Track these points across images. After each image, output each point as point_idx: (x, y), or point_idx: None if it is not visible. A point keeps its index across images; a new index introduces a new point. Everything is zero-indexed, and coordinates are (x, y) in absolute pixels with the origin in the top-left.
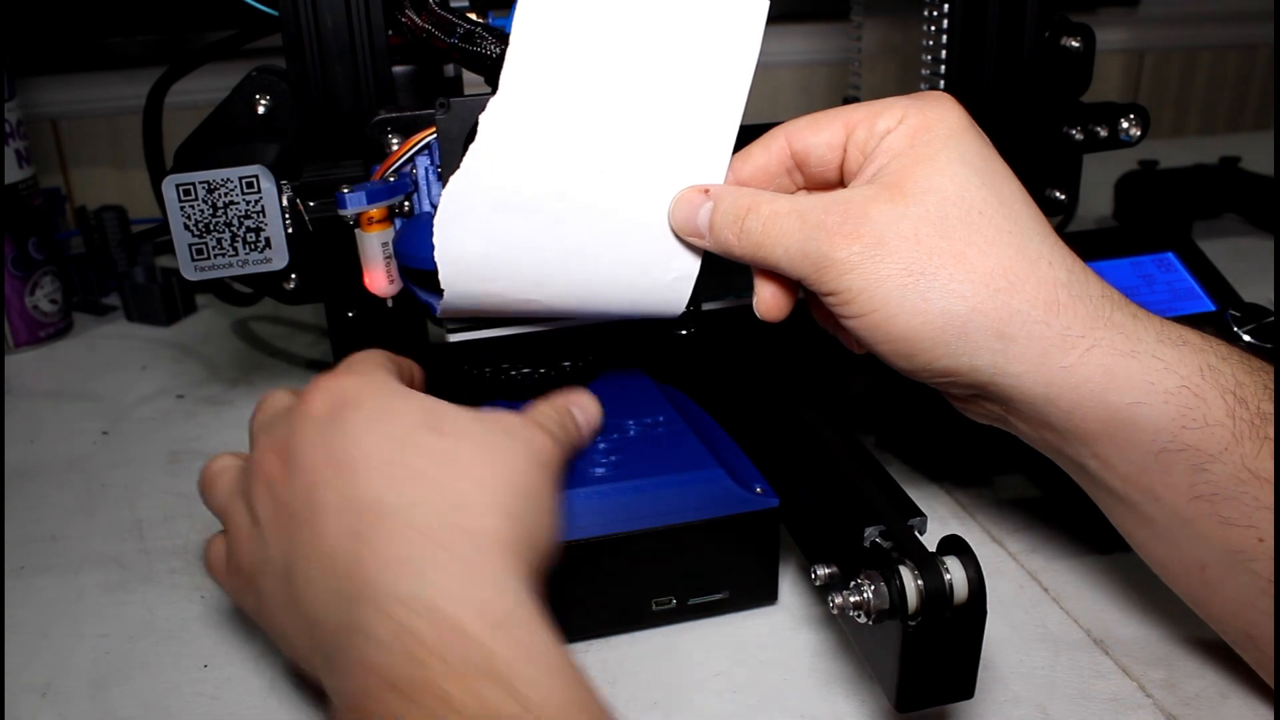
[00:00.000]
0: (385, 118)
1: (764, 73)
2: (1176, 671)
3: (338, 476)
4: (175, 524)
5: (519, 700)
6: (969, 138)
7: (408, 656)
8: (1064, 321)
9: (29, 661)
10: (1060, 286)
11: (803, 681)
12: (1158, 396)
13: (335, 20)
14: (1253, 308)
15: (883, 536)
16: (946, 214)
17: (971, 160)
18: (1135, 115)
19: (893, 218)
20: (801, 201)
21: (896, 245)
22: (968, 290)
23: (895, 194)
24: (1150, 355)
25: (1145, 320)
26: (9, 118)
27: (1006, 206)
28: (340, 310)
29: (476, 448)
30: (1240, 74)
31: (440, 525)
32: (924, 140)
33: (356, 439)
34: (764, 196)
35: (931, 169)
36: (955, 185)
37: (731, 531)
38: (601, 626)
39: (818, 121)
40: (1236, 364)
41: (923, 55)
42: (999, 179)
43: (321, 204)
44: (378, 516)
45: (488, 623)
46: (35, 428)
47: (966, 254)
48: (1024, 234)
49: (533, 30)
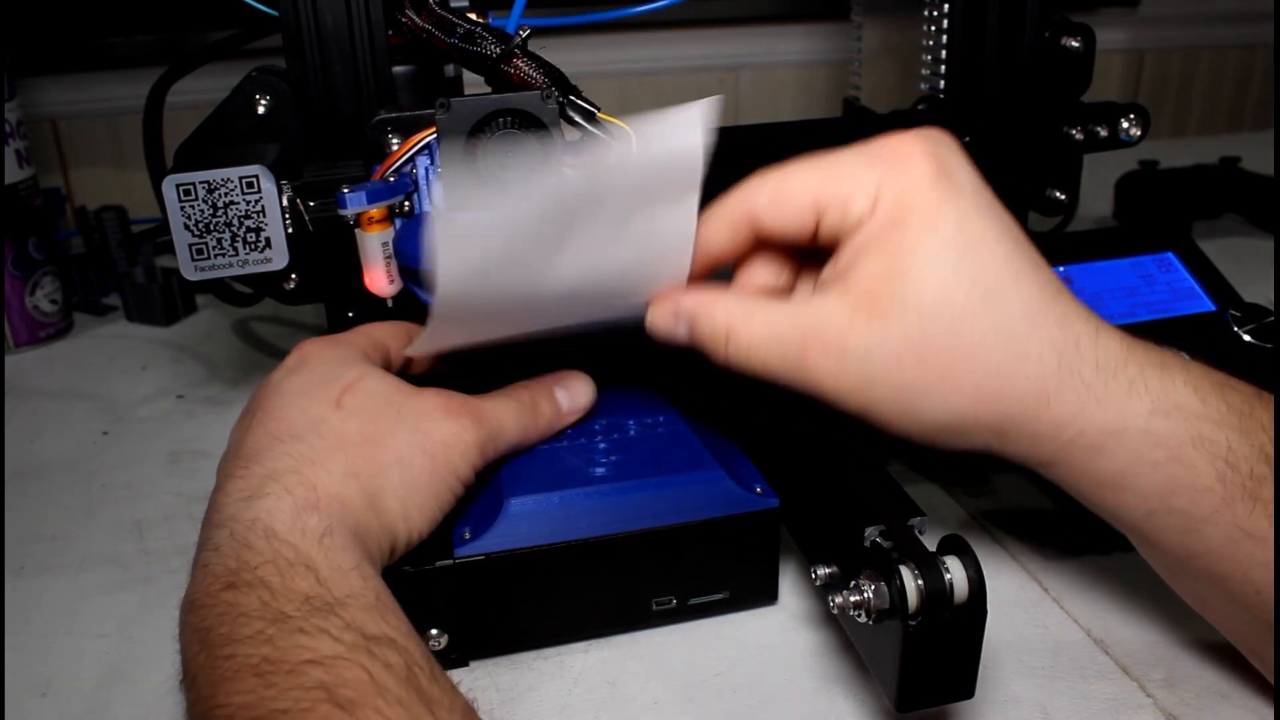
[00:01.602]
0: (385, 118)
1: (764, 72)
2: (1176, 671)
3: (248, 421)
4: (175, 524)
5: (325, 586)
6: (948, 213)
7: (237, 558)
8: (1053, 413)
9: (29, 661)
10: (1049, 377)
11: (803, 681)
12: (1145, 467)
13: (335, 20)
14: (1253, 308)
15: (883, 536)
16: (927, 330)
17: (951, 251)
18: (1135, 115)
19: (873, 342)
20: (777, 327)
21: (881, 374)
22: (957, 404)
23: (873, 313)
24: (1140, 430)
25: (1140, 389)
26: (9, 118)
27: (991, 300)
28: (340, 310)
29: (362, 425)
30: (1240, 74)
31: (294, 477)
32: (899, 237)
33: (275, 394)
34: (736, 319)
35: (909, 279)
36: (935, 294)
37: (732, 531)
38: (602, 626)
39: (784, 198)
40: (1232, 429)
41: (923, 55)
42: (981, 261)
43: (322, 204)
44: (248, 461)
45: (311, 543)
46: (35, 428)
47: (953, 370)
48: (1011, 329)
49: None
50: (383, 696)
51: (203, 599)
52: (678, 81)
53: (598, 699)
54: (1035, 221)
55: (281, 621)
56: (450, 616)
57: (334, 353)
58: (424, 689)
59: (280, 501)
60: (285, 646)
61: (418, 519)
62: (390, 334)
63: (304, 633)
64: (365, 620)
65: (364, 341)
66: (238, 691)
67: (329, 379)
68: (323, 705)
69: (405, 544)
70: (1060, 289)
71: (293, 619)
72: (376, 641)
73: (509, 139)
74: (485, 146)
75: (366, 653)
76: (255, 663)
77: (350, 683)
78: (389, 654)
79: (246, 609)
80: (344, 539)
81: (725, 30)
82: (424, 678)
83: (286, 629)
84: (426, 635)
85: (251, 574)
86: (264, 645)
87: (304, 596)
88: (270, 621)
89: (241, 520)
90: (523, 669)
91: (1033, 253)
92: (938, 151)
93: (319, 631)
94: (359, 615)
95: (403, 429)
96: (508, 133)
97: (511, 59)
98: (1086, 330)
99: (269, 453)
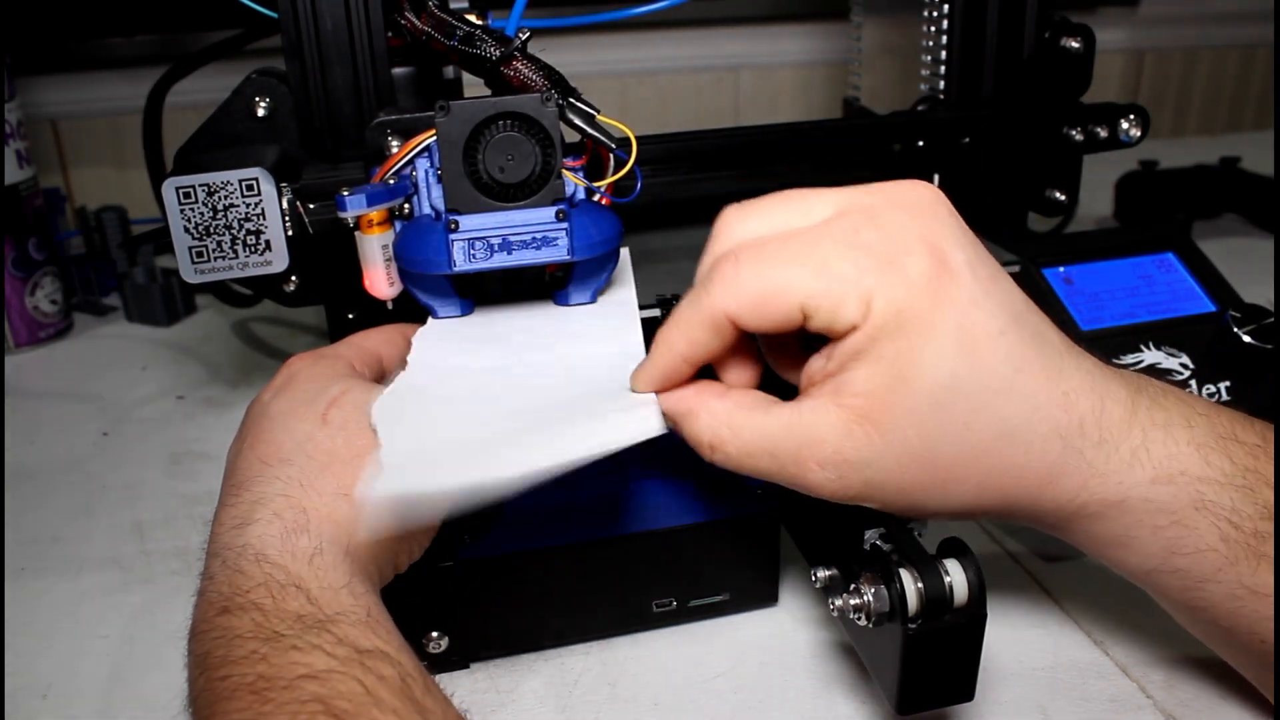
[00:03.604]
0: (385, 120)
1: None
2: (1176, 672)
3: (239, 445)
4: (175, 525)
5: (316, 604)
6: (946, 315)
7: (230, 584)
8: (1056, 492)
9: (29, 663)
10: (1053, 464)
11: (803, 683)
12: (1146, 531)
13: (335, 22)
14: (1253, 308)
15: (883, 539)
16: (929, 438)
17: (951, 357)
18: (1135, 115)
19: (873, 454)
20: (768, 440)
21: (883, 480)
22: (962, 498)
23: (872, 425)
24: (1142, 499)
25: (1143, 458)
26: (9, 118)
27: (994, 401)
28: (340, 312)
29: (350, 439)
30: (1240, 74)
31: (283, 501)
32: (895, 346)
33: (263, 416)
34: (723, 429)
35: (907, 390)
36: (936, 403)
37: (732, 533)
38: (603, 628)
39: (767, 301)
40: (1235, 489)
41: (923, 55)
42: (982, 361)
43: (321, 206)
44: (238, 489)
45: (301, 564)
46: (35, 428)
47: (955, 473)
48: (1014, 427)
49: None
50: (378, 707)
51: (200, 625)
52: (678, 81)
53: (598, 700)
54: (1035, 221)
55: (275, 640)
56: (451, 618)
57: (319, 368)
58: (418, 700)
59: (270, 527)
60: (280, 664)
61: (415, 530)
62: (382, 341)
63: (298, 649)
64: (357, 636)
65: (351, 353)
66: (235, 710)
67: (314, 396)
68: (320, 718)
69: (408, 555)
70: (1063, 359)
71: (286, 637)
72: (370, 655)
73: (509, 142)
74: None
75: (360, 666)
76: (251, 681)
77: (345, 695)
78: (382, 667)
79: (241, 631)
80: (334, 558)
81: (725, 30)
82: (418, 689)
83: (280, 647)
84: (427, 637)
85: (244, 598)
86: (259, 664)
87: (296, 616)
88: (264, 641)
89: (233, 548)
90: (523, 670)
91: (1035, 323)
92: (932, 235)
93: (312, 648)
94: (351, 631)
95: None
96: (507, 135)
97: (511, 61)
98: (1090, 405)
99: (258, 479)
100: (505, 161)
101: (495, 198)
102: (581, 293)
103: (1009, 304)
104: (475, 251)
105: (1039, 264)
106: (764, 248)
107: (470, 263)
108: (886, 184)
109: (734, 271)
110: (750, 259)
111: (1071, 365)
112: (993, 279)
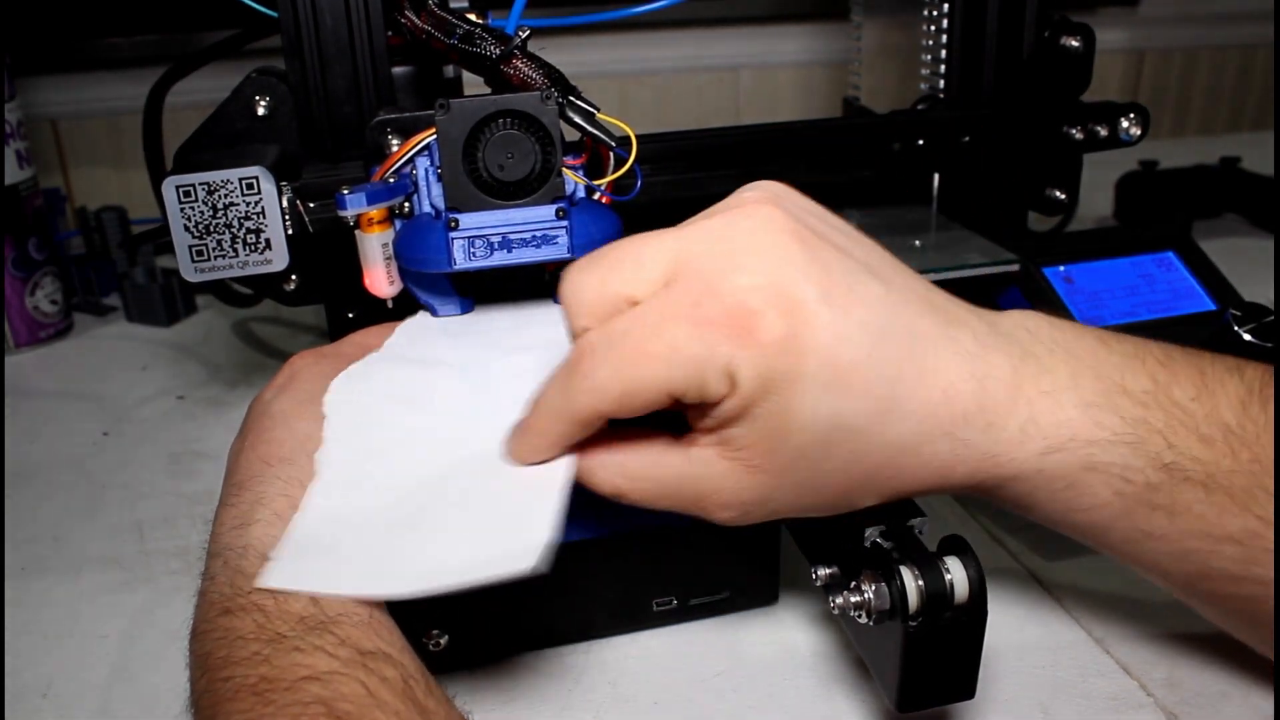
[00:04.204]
0: (385, 119)
1: (764, 73)
2: (1176, 671)
3: (240, 444)
4: (176, 525)
5: (318, 605)
6: (810, 363)
7: (231, 584)
8: (951, 481)
9: (30, 662)
10: (944, 458)
11: (803, 681)
12: (1042, 495)
13: (335, 21)
14: (1253, 308)
15: (883, 537)
16: (819, 471)
17: (826, 399)
18: (1135, 115)
19: (769, 493)
20: (666, 485)
21: (786, 507)
22: (865, 502)
23: (762, 472)
24: (1034, 470)
25: (1031, 431)
26: (9, 118)
27: (878, 423)
28: (340, 311)
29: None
30: (1240, 74)
31: (284, 500)
32: (768, 405)
33: (264, 415)
34: (620, 481)
35: (789, 437)
36: (820, 443)
37: (732, 532)
38: (602, 627)
39: (632, 397)
40: (1125, 445)
41: (923, 55)
42: (860, 389)
43: (321, 205)
44: (239, 488)
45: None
46: (35, 428)
47: (853, 490)
48: (903, 441)
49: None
50: (380, 709)
51: (202, 626)
52: (678, 81)
53: (598, 699)
54: (1035, 221)
55: (277, 642)
56: (452, 617)
57: (321, 367)
58: (420, 702)
59: (270, 527)
60: (282, 665)
61: None
62: (383, 339)
63: (300, 651)
64: (359, 637)
65: (353, 351)
66: (237, 711)
67: (316, 394)
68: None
69: None
70: (938, 349)
71: (288, 639)
72: (371, 657)
73: (509, 140)
74: (485, 147)
75: (362, 668)
76: (253, 682)
77: (348, 697)
78: (385, 668)
79: (242, 632)
80: None
81: (725, 30)
82: (420, 691)
83: (282, 648)
84: (428, 636)
85: (246, 598)
86: (261, 665)
87: (298, 617)
88: (266, 642)
89: (235, 548)
90: (523, 669)
91: (906, 319)
92: (777, 282)
93: (314, 649)
94: (353, 632)
95: None
96: (507, 134)
97: (511, 60)
98: (971, 392)
99: (259, 478)
100: (505, 160)
101: (495, 196)
102: None
103: (871, 319)
104: (475, 250)
105: (1039, 263)
106: (611, 339)
107: (470, 261)
108: (718, 219)
109: (592, 369)
110: (603, 355)
111: (949, 354)
112: (848, 296)
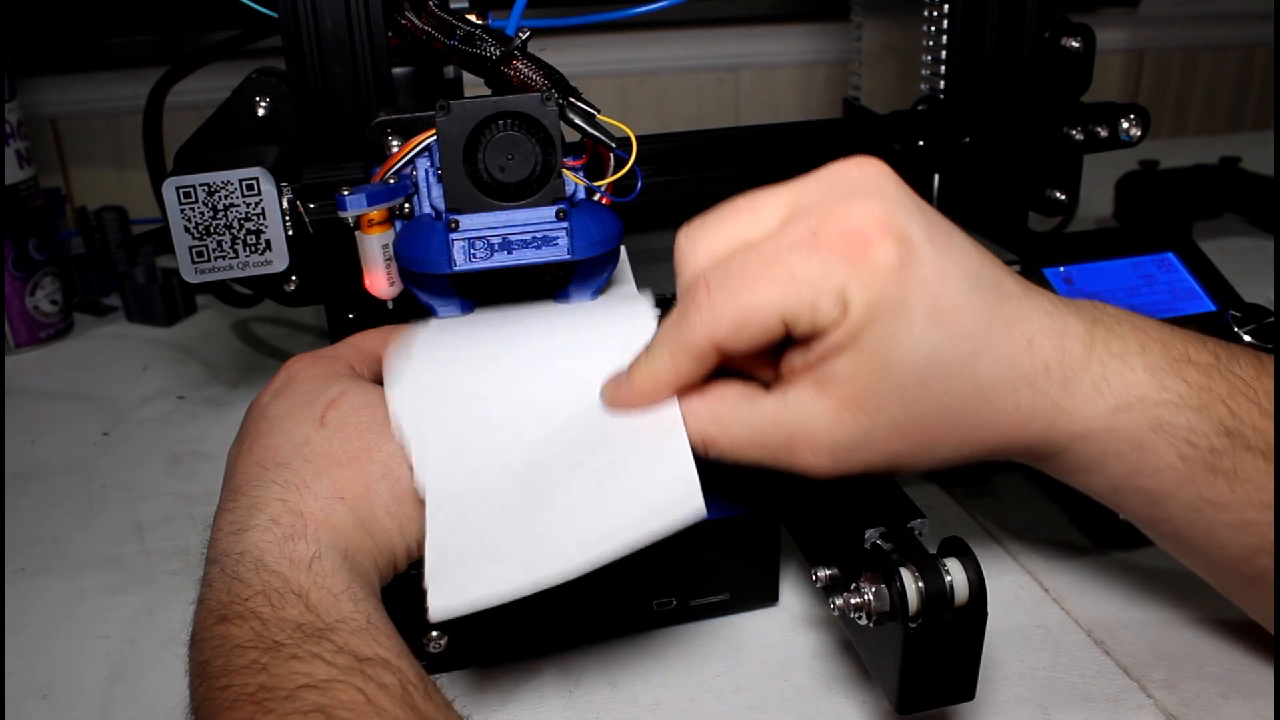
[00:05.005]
0: (385, 119)
1: (764, 73)
2: (1176, 671)
3: (238, 448)
4: (176, 525)
5: (315, 612)
6: (917, 296)
7: (228, 592)
8: (1026, 436)
9: (30, 663)
10: (1024, 409)
11: (803, 682)
12: (1110, 457)
13: (335, 22)
14: (1253, 308)
15: (883, 538)
16: (913, 414)
17: (927, 336)
18: (1135, 115)
19: (862, 435)
20: (758, 432)
21: (873, 453)
22: (946, 455)
23: (859, 410)
24: (1104, 429)
25: (1103, 389)
26: (9, 118)
27: (968, 365)
28: (341, 312)
29: (347, 441)
30: (1240, 74)
31: (280, 506)
32: (874, 335)
33: (261, 419)
34: (711, 429)
35: (890, 374)
36: (917, 381)
37: (732, 533)
38: (603, 628)
39: (747, 323)
40: (1190, 409)
41: (923, 55)
42: (955, 329)
43: (322, 206)
44: (236, 493)
45: (299, 571)
46: (35, 428)
47: (939, 435)
48: (989, 385)
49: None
50: (379, 716)
51: (200, 634)
52: (678, 81)
53: (598, 700)
54: (1035, 221)
55: (275, 650)
56: (451, 618)
57: (318, 370)
58: (419, 707)
59: (267, 533)
60: (280, 674)
61: (413, 530)
62: (382, 341)
63: (298, 659)
64: (357, 643)
65: (351, 354)
66: None
67: (313, 398)
68: None
69: (407, 555)
70: (1022, 304)
71: (286, 647)
72: (370, 663)
73: (509, 141)
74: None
75: (361, 675)
76: (252, 691)
77: (346, 704)
78: (383, 675)
79: (240, 640)
80: (333, 563)
81: (725, 30)
82: (418, 696)
83: (280, 657)
84: (427, 637)
85: (243, 606)
86: (259, 674)
87: (295, 624)
88: (264, 651)
89: (231, 554)
90: (523, 670)
91: (993, 274)
92: (888, 217)
93: (312, 657)
94: (351, 639)
95: (388, 440)
96: (508, 135)
97: (511, 61)
98: (1052, 346)
99: (256, 483)
100: (505, 161)
101: (495, 197)
102: (582, 292)
103: (968, 265)
104: (475, 251)
105: (1039, 264)
106: (729, 270)
107: (470, 262)
108: (829, 170)
109: (707, 300)
110: (719, 284)
111: (1030, 309)
112: (948, 242)
